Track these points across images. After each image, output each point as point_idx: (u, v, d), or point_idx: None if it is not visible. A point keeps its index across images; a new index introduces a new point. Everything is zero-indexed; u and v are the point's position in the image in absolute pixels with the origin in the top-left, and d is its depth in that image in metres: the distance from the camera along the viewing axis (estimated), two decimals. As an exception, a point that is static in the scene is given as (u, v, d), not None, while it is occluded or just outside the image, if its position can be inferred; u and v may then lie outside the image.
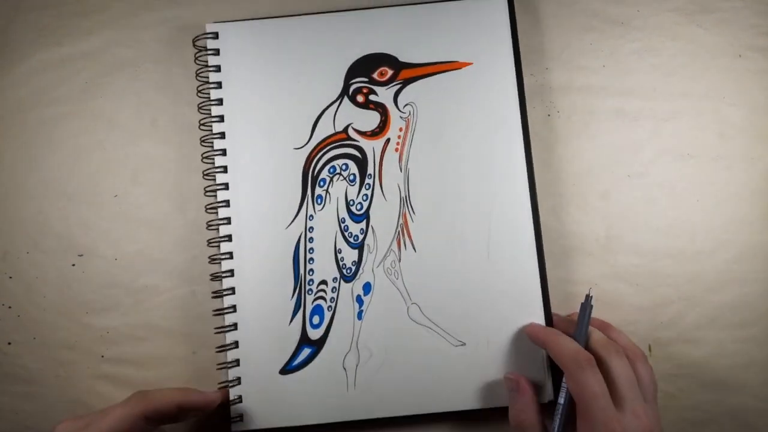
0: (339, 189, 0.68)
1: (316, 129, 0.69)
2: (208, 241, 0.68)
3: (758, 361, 0.68)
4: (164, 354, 0.69)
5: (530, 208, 0.67)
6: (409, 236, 0.67)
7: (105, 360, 0.69)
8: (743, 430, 0.67)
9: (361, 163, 0.69)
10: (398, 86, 0.70)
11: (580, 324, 0.61)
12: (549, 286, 0.67)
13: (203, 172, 0.69)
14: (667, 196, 0.71)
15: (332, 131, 0.69)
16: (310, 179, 0.69)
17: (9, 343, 0.69)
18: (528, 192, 0.67)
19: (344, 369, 0.66)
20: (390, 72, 0.70)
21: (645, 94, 0.72)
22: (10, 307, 0.70)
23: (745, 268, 0.70)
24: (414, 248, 0.67)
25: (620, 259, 0.70)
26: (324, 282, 0.67)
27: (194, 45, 0.71)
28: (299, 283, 0.67)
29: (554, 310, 0.67)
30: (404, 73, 0.70)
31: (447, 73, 0.70)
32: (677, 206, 0.71)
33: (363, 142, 0.69)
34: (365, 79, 0.70)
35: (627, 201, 0.71)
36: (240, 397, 0.65)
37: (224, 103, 0.70)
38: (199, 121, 0.70)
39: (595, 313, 0.65)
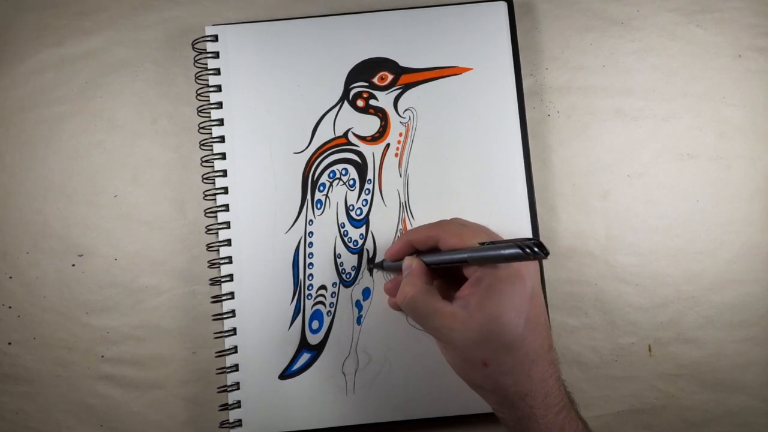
0: (339, 194, 0.65)
1: (316, 133, 0.65)
2: (207, 245, 0.65)
3: (758, 361, 0.65)
4: (164, 354, 0.65)
5: (529, 210, 0.64)
6: (409, 242, 0.62)
7: (105, 360, 0.65)
8: (743, 430, 0.64)
9: (361, 168, 0.65)
10: (398, 91, 0.66)
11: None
12: (549, 286, 0.65)
13: (203, 175, 0.66)
14: (667, 196, 0.67)
15: (332, 136, 0.65)
16: (309, 184, 0.65)
17: (9, 343, 0.66)
18: (527, 194, 0.64)
19: (343, 374, 0.62)
20: (390, 77, 0.66)
21: (645, 94, 0.69)
22: (10, 307, 0.66)
23: (745, 268, 0.66)
24: (413, 253, 0.64)
25: (620, 259, 0.66)
26: (323, 287, 0.63)
27: (194, 48, 0.68)
28: (299, 288, 0.63)
29: (554, 310, 0.65)
30: (404, 78, 0.66)
31: (447, 78, 0.66)
32: (677, 206, 0.67)
33: (363, 147, 0.65)
34: (365, 84, 0.66)
35: (627, 201, 0.67)
36: (239, 402, 0.62)
37: (224, 106, 0.66)
38: (199, 124, 0.66)
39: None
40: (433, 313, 0.50)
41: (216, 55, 0.66)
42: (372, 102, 0.65)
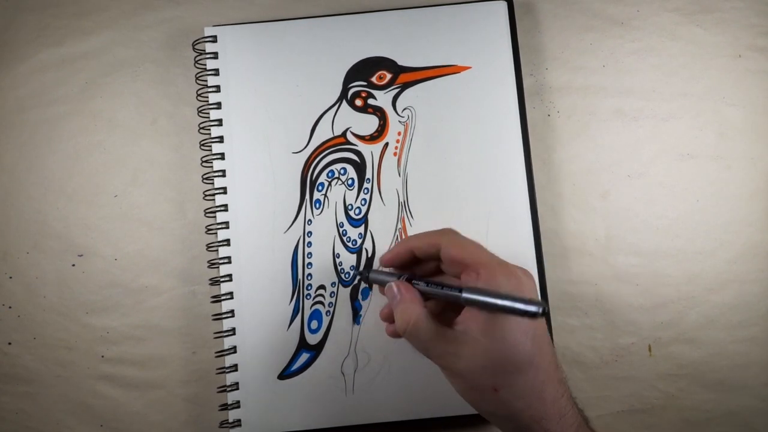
0: (337, 193, 0.64)
1: (315, 133, 0.65)
2: (207, 245, 0.64)
3: (758, 361, 0.65)
4: (164, 354, 0.65)
5: (529, 210, 0.64)
6: (408, 241, 0.62)
7: (105, 360, 0.65)
8: (743, 430, 0.64)
9: (360, 167, 0.65)
10: (397, 90, 0.66)
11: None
12: (549, 286, 0.64)
13: (202, 176, 0.65)
14: (667, 196, 0.67)
15: (331, 135, 0.65)
16: (308, 183, 0.64)
17: (9, 343, 0.65)
18: (527, 194, 0.64)
19: (342, 374, 0.62)
20: (389, 76, 0.66)
21: (645, 94, 0.68)
22: (10, 307, 0.66)
23: (745, 268, 0.66)
24: (412, 253, 0.62)
25: (620, 259, 0.66)
26: (322, 287, 0.63)
27: (194, 48, 0.67)
28: (297, 287, 0.63)
29: (554, 310, 0.65)
30: (403, 77, 0.66)
31: (446, 77, 0.66)
32: (677, 206, 0.67)
33: (361, 147, 0.65)
34: (364, 83, 0.66)
35: (627, 201, 0.67)
36: (238, 402, 0.61)
37: (222, 107, 0.66)
38: (199, 124, 0.66)
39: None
40: (437, 340, 0.48)
41: (215, 55, 0.66)
42: (370, 101, 0.65)
